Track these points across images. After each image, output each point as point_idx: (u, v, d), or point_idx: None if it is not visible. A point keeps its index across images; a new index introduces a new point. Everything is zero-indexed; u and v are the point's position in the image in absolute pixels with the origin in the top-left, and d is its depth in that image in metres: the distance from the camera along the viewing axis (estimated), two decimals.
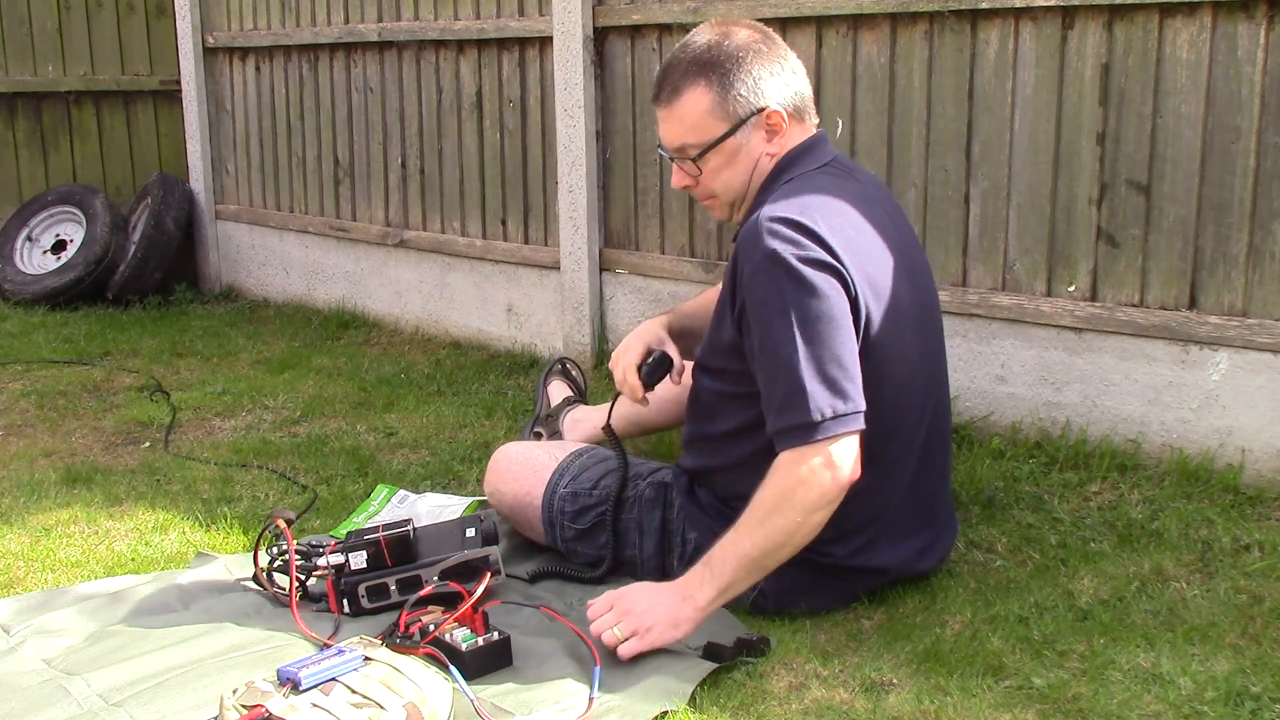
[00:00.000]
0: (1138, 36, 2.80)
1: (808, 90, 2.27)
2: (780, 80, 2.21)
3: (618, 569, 2.42)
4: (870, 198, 2.27)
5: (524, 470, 2.56)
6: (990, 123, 3.05)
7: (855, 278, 2.09)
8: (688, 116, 2.20)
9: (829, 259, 2.07)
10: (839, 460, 2.04)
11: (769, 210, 2.11)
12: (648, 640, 2.04)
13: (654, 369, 2.43)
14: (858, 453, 2.07)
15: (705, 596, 2.06)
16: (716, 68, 2.17)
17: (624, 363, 2.44)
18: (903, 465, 2.26)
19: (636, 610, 2.06)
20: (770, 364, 2.08)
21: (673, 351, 2.45)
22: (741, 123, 2.19)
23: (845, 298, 2.07)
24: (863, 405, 2.06)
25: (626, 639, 2.04)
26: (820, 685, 2.01)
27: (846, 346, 2.06)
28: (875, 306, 2.13)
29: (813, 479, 2.02)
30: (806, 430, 2.02)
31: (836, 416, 2.03)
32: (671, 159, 2.28)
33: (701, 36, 2.22)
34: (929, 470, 2.32)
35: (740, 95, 2.18)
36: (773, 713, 1.94)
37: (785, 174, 2.23)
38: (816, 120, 2.32)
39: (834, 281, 2.06)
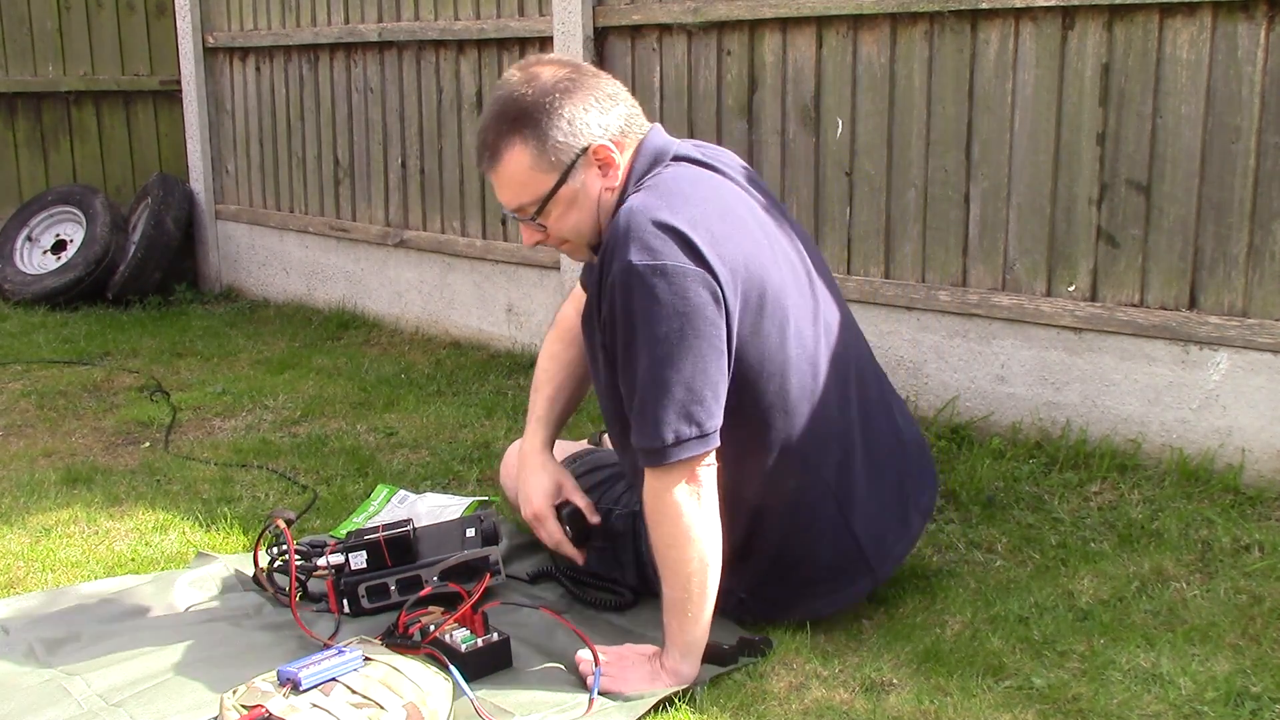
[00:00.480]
0: (1138, 36, 2.80)
1: (630, 107, 2.13)
2: (596, 111, 2.07)
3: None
4: (727, 178, 2.20)
5: None
6: (990, 123, 3.05)
7: (722, 273, 2.00)
8: (514, 177, 2.07)
9: (693, 265, 1.98)
10: (702, 478, 1.99)
11: (633, 206, 2.02)
12: (619, 686, 2.00)
13: (575, 528, 2.33)
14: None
15: (676, 664, 2.02)
16: (527, 120, 2.03)
17: (549, 530, 2.33)
18: (844, 448, 2.19)
19: (618, 671, 2.02)
20: (628, 379, 2.03)
21: (571, 491, 2.36)
22: (570, 169, 2.06)
23: (711, 301, 1.98)
24: (716, 425, 1.99)
25: (601, 680, 2.00)
26: (820, 685, 2.01)
27: (701, 364, 1.98)
28: (751, 293, 2.04)
29: (678, 505, 1.98)
30: (660, 453, 1.97)
31: (681, 442, 1.97)
32: (515, 218, 2.16)
33: (505, 88, 2.08)
34: (875, 441, 2.24)
35: (559, 143, 2.04)
36: (773, 713, 1.94)
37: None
38: (647, 126, 2.16)
39: (698, 289, 1.97)
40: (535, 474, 2.35)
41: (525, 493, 2.35)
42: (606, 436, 2.49)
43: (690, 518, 1.98)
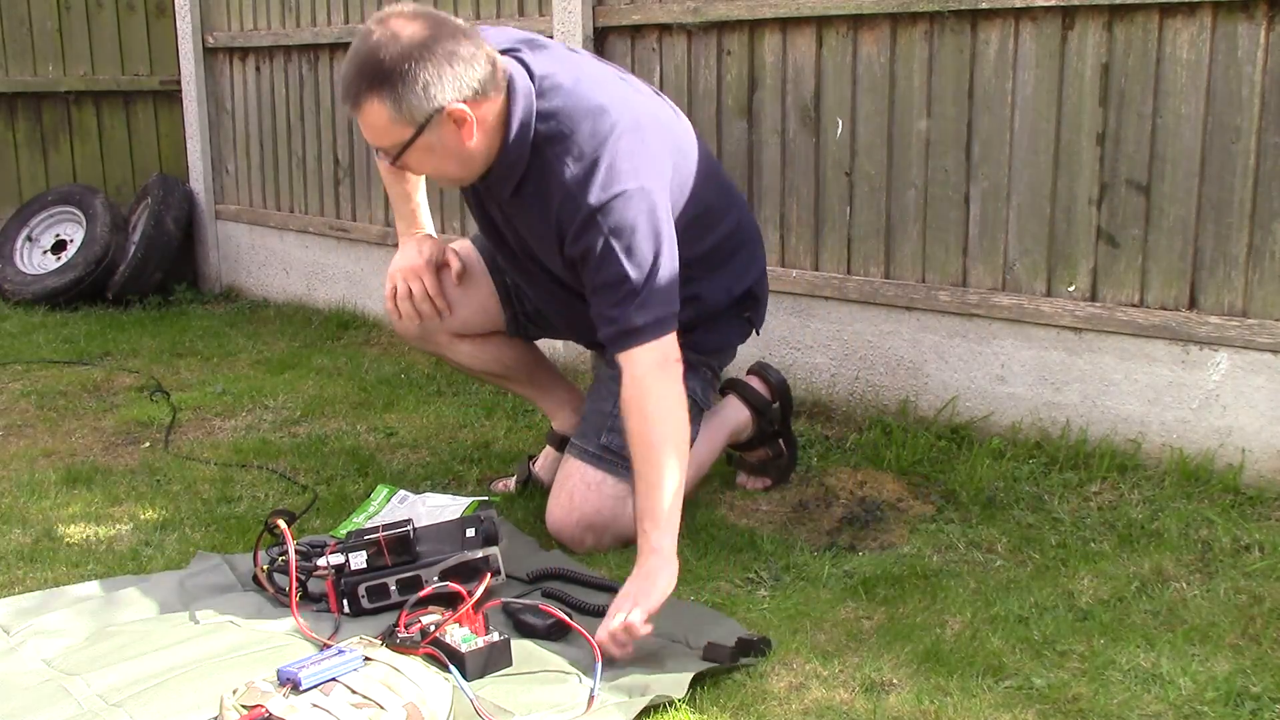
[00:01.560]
0: (1138, 37, 2.80)
1: (486, 65, 2.29)
2: (451, 77, 2.23)
3: None
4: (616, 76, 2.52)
5: None
6: (990, 123, 3.05)
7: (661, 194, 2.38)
8: (372, 124, 2.27)
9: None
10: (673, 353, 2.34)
11: (594, 196, 2.29)
12: (645, 605, 2.10)
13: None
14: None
15: (659, 541, 2.20)
16: (385, 80, 2.21)
17: (427, 282, 2.83)
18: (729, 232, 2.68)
19: (645, 599, 2.12)
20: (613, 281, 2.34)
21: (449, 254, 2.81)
22: (424, 126, 2.26)
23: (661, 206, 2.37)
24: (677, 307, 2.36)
25: (628, 618, 2.08)
26: (820, 685, 2.01)
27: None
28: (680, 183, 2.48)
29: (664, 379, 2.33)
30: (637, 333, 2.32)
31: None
32: (378, 152, 2.37)
33: (367, 43, 2.23)
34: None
35: (413, 104, 2.22)
36: (773, 713, 1.94)
37: (544, 125, 2.36)
38: (509, 72, 2.35)
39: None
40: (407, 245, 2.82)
41: (398, 262, 2.81)
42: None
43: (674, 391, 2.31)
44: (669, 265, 2.33)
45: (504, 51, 2.38)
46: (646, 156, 2.35)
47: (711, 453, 2.86)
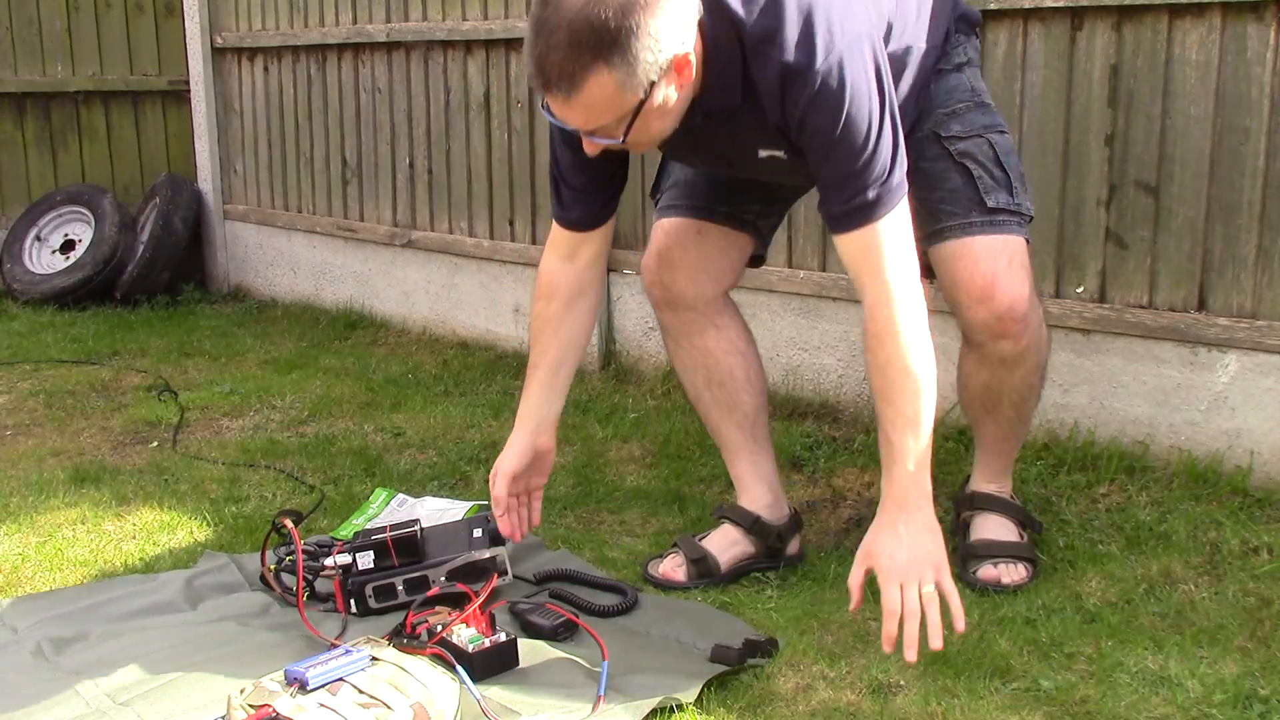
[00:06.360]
0: (1146, 38, 2.80)
1: None
2: (676, 17, 1.88)
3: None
4: None
5: None
6: None
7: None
8: (596, 103, 1.90)
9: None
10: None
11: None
12: (944, 578, 1.96)
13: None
14: None
15: (925, 486, 2.00)
16: (613, 46, 1.83)
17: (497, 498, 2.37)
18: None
19: (906, 562, 1.95)
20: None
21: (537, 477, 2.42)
22: (653, 85, 1.90)
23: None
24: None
25: (930, 591, 1.93)
26: (827, 687, 2.01)
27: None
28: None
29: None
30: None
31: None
32: (576, 133, 2.01)
33: (569, 7, 1.86)
34: None
35: (647, 62, 1.86)
36: (779, 714, 1.94)
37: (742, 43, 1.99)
38: None
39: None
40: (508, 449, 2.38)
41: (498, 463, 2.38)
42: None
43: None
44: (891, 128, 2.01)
45: None
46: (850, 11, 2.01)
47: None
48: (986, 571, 2.40)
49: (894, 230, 2.01)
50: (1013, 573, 2.40)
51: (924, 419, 2.01)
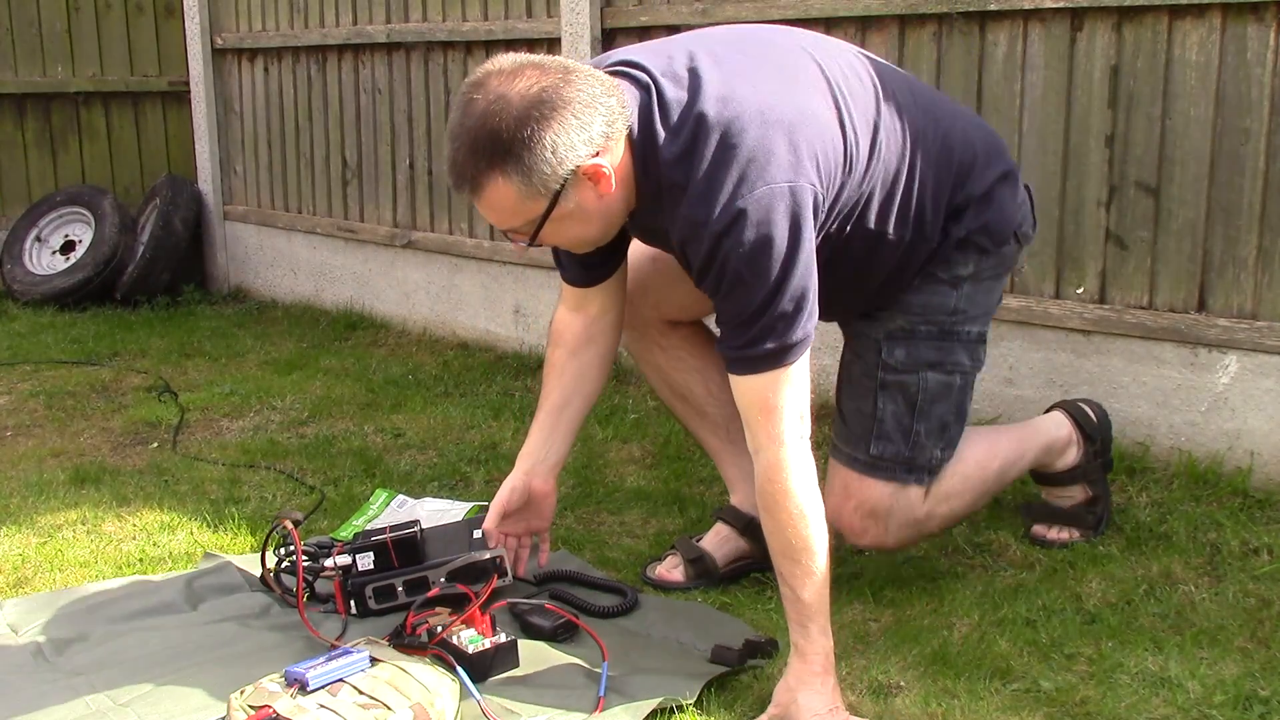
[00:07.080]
0: (1146, 38, 2.80)
1: (606, 100, 1.91)
2: (577, 129, 1.86)
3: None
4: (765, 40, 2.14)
5: None
6: (998, 124, 3.04)
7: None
8: (498, 206, 1.92)
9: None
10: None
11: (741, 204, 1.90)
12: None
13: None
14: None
15: (826, 643, 1.95)
16: (506, 155, 1.85)
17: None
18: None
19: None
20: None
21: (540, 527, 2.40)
22: (559, 194, 1.90)
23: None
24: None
25: None
26: None
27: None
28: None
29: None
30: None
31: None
32: (505, 235, 2.02)
33: (473, 112, 1.87)
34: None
35: (544, 174, 1.86)
36: None
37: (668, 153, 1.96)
38: (628, 105, 1.96)
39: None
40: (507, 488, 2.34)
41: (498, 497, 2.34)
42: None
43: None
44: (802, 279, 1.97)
45: (612, 68, 2.01)
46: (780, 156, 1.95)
47: (1018, 461, 2.47)
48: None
49: (791, 384, 1.96)
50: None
51: (826, 573, 1.95)
